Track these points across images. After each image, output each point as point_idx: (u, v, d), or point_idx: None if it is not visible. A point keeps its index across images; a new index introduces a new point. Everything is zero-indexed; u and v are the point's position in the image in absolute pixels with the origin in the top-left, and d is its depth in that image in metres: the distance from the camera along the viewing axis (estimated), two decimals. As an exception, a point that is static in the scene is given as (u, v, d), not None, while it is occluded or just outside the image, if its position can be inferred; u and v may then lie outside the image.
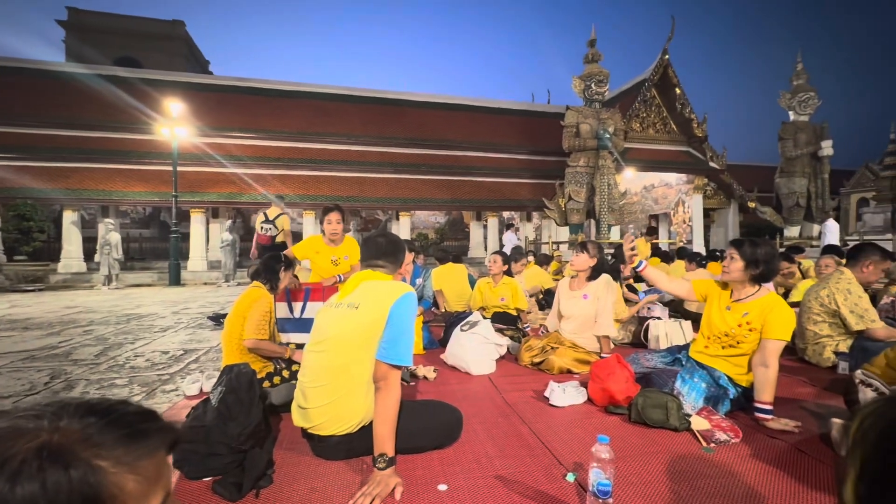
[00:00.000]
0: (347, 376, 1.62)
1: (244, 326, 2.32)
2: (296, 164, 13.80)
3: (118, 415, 0.44)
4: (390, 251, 1.79)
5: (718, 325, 2.29)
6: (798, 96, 12.61)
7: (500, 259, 4.06)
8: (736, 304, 2.25)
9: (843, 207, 20.55)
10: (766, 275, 2.20)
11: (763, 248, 2.19)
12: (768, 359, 2.08)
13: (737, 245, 2.26)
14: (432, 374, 2.82)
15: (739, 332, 2.19)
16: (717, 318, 2.30)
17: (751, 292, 2.23)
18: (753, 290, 2.23)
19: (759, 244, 2.21)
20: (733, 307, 2.25)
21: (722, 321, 2.27)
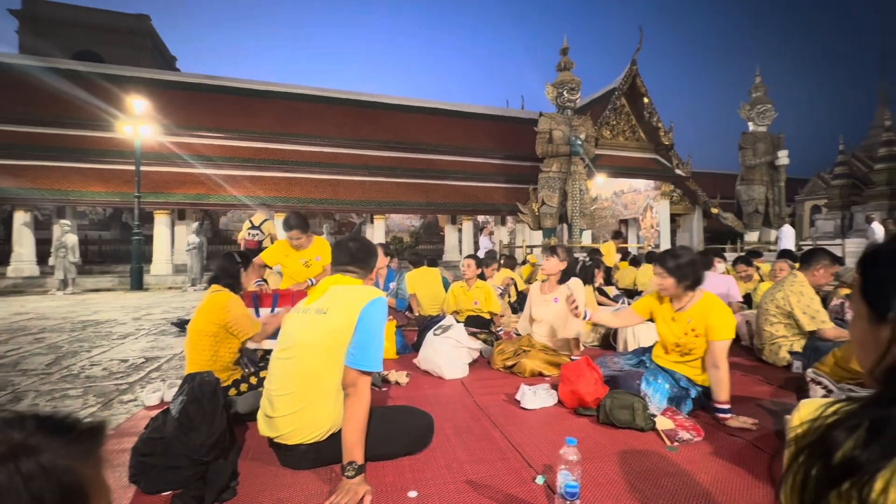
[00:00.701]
0: (316, 383, 1.59)
1: (231, 333, 2.24)
2: (267, 166, 13.50)
3: (52, 420, 0.46)
4: (361, 256, 1.77)
5: (668, 338, 2.38)
6: (756, 108, 13.27)
7: (474, 263, 4.08)
8: (678, 313, 2.34)
9: (797, 214, 21.68)
10: (696, 280, 2.28)
11: (684, 258, 2.27)
12: (717, 359, 2.17)
13: (660, 262, 2.33)
14: (405, 378, 2.80)
15: (688, 340, 2.29)
16: (666, 331, 2.39)
17: (688, 299, 2.32)
18: (689, 296, 2.31)
19: (679, 255, 2.28)
20: (677, 317, 2.34)
21: (671, 333, 2.37)
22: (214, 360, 2.23)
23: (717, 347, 2.19)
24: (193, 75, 15.88)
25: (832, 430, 0.58)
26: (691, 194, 15.27)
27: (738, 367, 3.27)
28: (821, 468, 0.57)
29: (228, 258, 2.45)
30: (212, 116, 14.04)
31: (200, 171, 12.72)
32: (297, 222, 3.36)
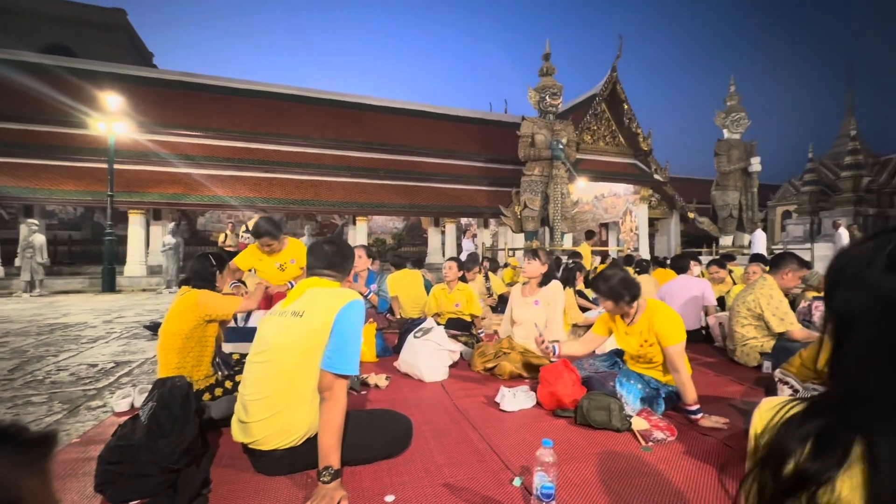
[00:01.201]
0: (291, 387, 1.57)
1: (213, 318, 2.21)
2: (247, 165, 13.26)
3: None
4: (336, 261, 1.75)
5: (629, 350, 2.47)
6: (731, 116, 13.69)
7: (456, 265, 4.08)
8: (630, 327, 2.41)
9: (769, 219, 22.41)
10: (634, 294, 2.33)
11: (615, 279, 2.33)
12: (675, 364, 2.23)
13: (596, 289, 2.43)
14: (384, 381, 2.78)
15: (645, 351, 2.36)
16: (625, 344, 2.48)
17: (634, 312, 2.37)
18: (633, 309, 2.37)
19: (608, 277, 2.35)
20: (630, 331, 2.41)
21: (629, 346, 2.44)
22: (187, 364, 2.18)
23: (670, 353, 2.24)
24: (171, 72, 15.49)
25: (784, 439, 0.60)
26: (669, 199, 15.63)
27: (711, 367, 3.35)
28: (775, 479, 0.59)
29: (203, 260, 2.38)
30: (190, 114, 13.73)
31: (178, 169, 12.42)
32: (266, 229, 3.25)
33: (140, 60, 28.92)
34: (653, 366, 2.42)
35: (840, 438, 0.55)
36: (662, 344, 2.26)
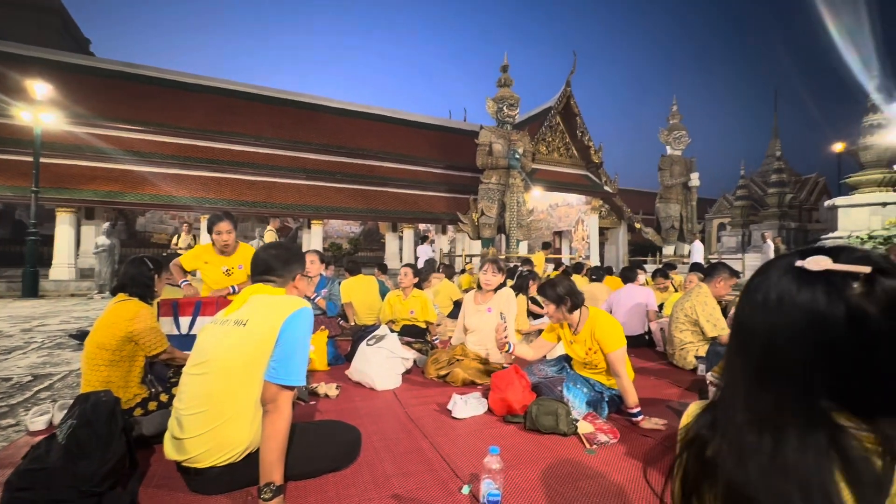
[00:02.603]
0: (232, 400, 1.49)
1: (139, 347, 2.03)
2: (194, 164, 12.57)
3: None
4: (277, 265, 1.68)
5: (575, 357, 2.59)
6: (673, 134, 14.62)
7: (411, 272, 4.06)
8: (575, 335, 2.52)
9: (707, 230, 24.09)
10: (576, 301, 2.46)
11: (560, 286, 2.46)
12: (616, 369, 2.34)
13: (542, 293, 2.55)
14: (334, 391, 2.70)
15: (590, 357, 2.48)
16: (571, 352, 2.60)
17: (578, 320, 2.49)
18: (577, 317, 2.49)
19: (555, 284, 2.48)
20: (575, 339, 2.53)
21: (575, 354, 2.57)
22: (116, 379, 2.01)
23: (611, 359, 2.36)
24: (111, 61, 14.45)
25: (703, 429, 0.66)
26: (618, 210, 16.42)
27: (651, 371, 3.54)
28: (696, 464, 0.64)
29: (138, 264, 2.21)
30: (132, 107, 12.85)
31: (116, 165, 11.56)
32: (227, 215, 3.17)
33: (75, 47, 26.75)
34: (598, 371, 2.52)
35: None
36: (604, 350, 2.37)
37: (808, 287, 0.55)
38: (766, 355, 0.57)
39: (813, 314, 0.54)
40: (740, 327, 0.63)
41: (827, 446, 0.51)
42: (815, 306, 0.54)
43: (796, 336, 0.54)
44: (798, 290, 0.56)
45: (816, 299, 0.54)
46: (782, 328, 0.56)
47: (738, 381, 0.61)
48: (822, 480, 0.49)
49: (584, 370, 2.59)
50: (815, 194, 22.79)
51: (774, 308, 0.57)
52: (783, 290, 0.57)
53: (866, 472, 0.49)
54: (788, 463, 0.52)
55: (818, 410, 0.53)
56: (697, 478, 0.63)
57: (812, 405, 0.54)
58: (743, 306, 0.63)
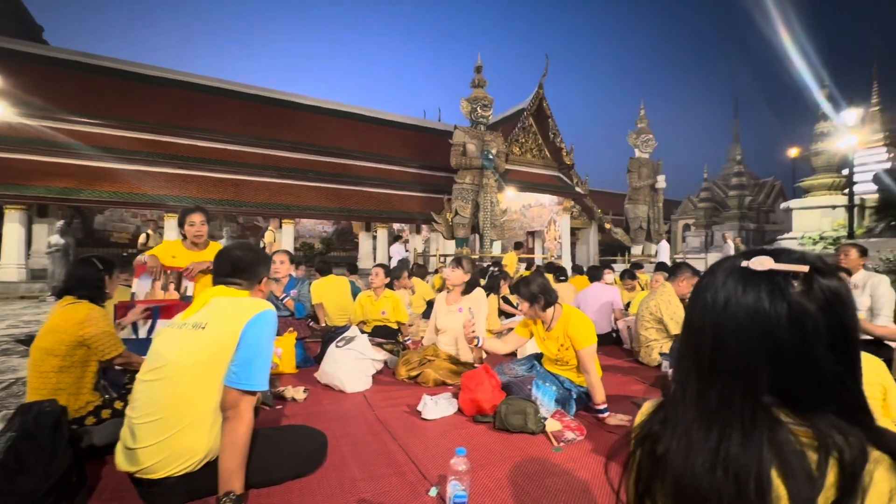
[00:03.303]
0: (189, 407, 1.42)
1: (92, 351, 1.92)
2: (157, 160, 12.04)
3: None
4: (243, 266, 1.62)
5: (547, 353, 2.63)
6: (641, 137, 15.08)
7: (382, 272, 4.02)
8: (548, 332, 2.57)
9: (672, 231, 24.97)
10: (549, 299, 2.51)
11: (533, 284, 2.51)
12: (586, 365, 2.40)
13: (516, 291, 2.60)
14: (302, 394, 2.64)
15: (562, 354, 2.52)
16: (544, 348, 2.63)
17: (551, 318, 2.54)
18: (550, 314, 2.54)
19: (529, 282, 2.53)
20: (548, 335, 2.57)
21: (547, 350, 2.61)
22: (67, 385, 1.89)
23: (582, 356, 2.41)
24: (66, 51, 13.67)
25: (655, 426, 0.67)
26: (588, 210, 16.77)
27: (618, 368, 3.62)
28: (649, 462, 0.65)
29: (86, 264, 2.08)
30: (88, 99, 12.20)
31: (71, 161, 10.94)
32: (200, 208, 3.03)
33: (26, 34, 25.18)
34: (568, 367, 2.56)
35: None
36: (575, 347, 2.41)
37: (753, 287, 0.57)
38: (713, 353, 0.59)
39: (757, 313, 0.56)
40: (689, 327, 0.64)
41: (766, 441, 0.53)
42: (760, 305, 0.56)
43: (741, 334, 0.56)
44: (743, 291, 0.58)
45: (760, 298, 0.56)
46: (728, 327, 0.57)
47: (688, 378, 0.62)
48: (759, 474, 0.51)
49: (555, 366, 2.63)
50: (772, 197, 23.99)
51: (721, 308, 0.58)
52: (729, 291, 0.59)
53: (799, 467, 0.51)
54: (730, 457, 0.53)
55: (761, 407, 0.55)
56: (650, 476, 0.64)
57: (755, 402, 0.55)
58: (692, 306, 0.65)
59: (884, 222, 7.20)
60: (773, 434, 0.53)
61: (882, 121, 15.55)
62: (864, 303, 3.25)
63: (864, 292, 3.26)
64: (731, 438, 0.54)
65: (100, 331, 1.92)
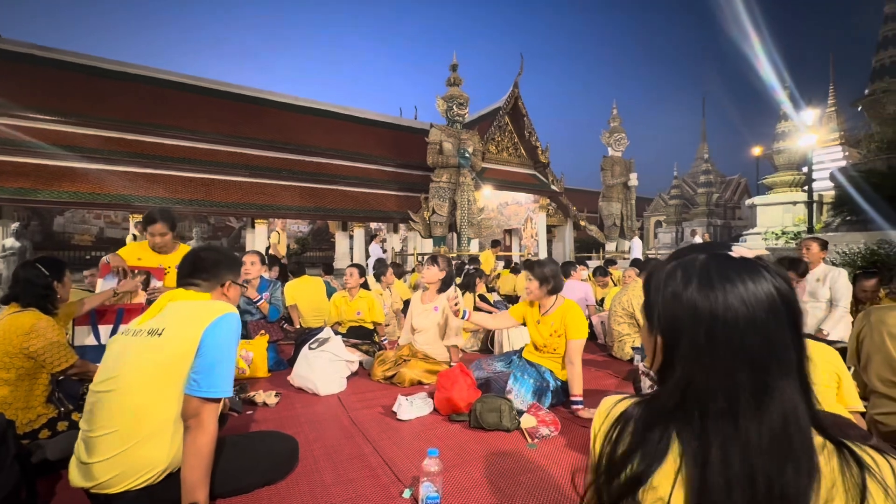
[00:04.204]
0: (147, 418, 1.35)
1: (41, 364, 1.81)
2: (121, 158, 11.55)
3: None
4: (205, 266, 1.56)
5: (537, 339, 2.66)
6: (614, 136, 15.40)
7: (357, 272, 3.96)
8: (544, 316, 2.62)
9: (645, 227, 25.61)
10: (556, 287, 2.58)
11: (548, 267, 2.59)
12: (573, 356, 2.46)
13: (528, 268, 2.64)
14: (273, 399, 2.58)
15: (552, 341, 2.57)
16: (535, 333, 2.67)
17: (551, 304, 2.61)
18: (552, 301, 2.61)
19: (544, 264, 2.60)
20: (542, 320, 2.62)
21: (538, 335, 2.64)
22: (15, 399, 1.78)
23: (572, 346, 2.48)
24: (19, 43, 12.95)
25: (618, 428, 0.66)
26: (564, 208, 17.02)
27: (592, 363, 3.68)
28: (609, 485, 0.63)
29: (30, 268, 1.91)
30: (44, 95, 11.59)
31: (27, 160, 10.38)
32: (163, 215, 2.87)
33: (-24, 25, 23.73)
34: (554, 355, 2.60)
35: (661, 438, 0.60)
36: (569, 336, 2.48)
37: (749, 274, 0.58)
38: (718, 346, 0.57)
39: (759, 296, 0.56)
40: (674, 326, 0.62)
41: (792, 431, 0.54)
42: (761, 289, 0.57)
43: (750, 320, 0.55)
44: (740, 279, 0.57)
45: (760, 281, 0.57)
46: (738, 314, 0.56)
47: (685, 377, 0.59)
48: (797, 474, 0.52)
49: (538, 355, 2.66)
50: (738, 194, 24.91)
51: (719, 298, 0.57)
52: (717, 282, 0.58)
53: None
54: (757, 457, 0.53)
55: (770, 391, 0.55)
56: (616, 490, 0.62)
57: (766, 387, 0.55)
58: (673, 306, 0.62)
59: (840, 217, 7.56)
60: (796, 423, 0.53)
61: (838, 121, 16.34)
62: (824, 294, 3.39)
63: (824, 285, 3.40)
64: (750, 433, 0.53)
65: (47, 342, 1.80)
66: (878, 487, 0.50)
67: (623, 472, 0.61)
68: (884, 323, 1.76)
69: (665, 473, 0.58)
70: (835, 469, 0.52)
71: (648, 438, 0.61)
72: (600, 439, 0.68)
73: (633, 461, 0.61)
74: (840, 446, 0.54)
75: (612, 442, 0.65)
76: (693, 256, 0.63)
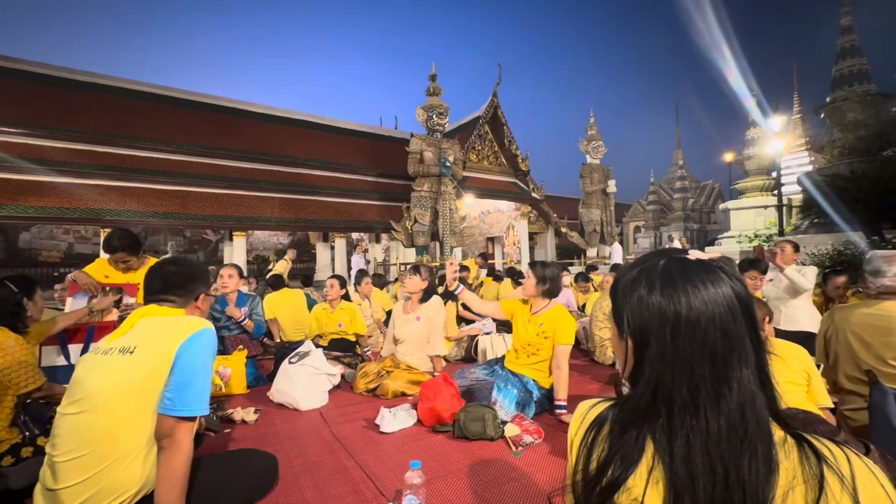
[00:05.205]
0: (118, 441, 1.31)
1: (6, 385, 1.73)
2: (91, 171, 11.22)
3: None
4: (179, 281, 1.52)
5: (523, 337, 2.67)
6: (592, 143, 15.74)
7: (338, 283, 3.93)
8: (534, 316, 2.66)
9: (624, 233, 26.13)
10: (553, 290, 2.64)
11: (550, 269, 2.67)
12: (560, 361, 2.50)
13: (531, 266, 2.71)
14: (252, 416, 2.52)
15: (537, 341, 2.58)
16: (522, 330, 2.69)
17: (543, 305, 2.65)
18: (545, 303, 2.66)
19: (547, 265, 2.68)
20: (532, 319, 2.65)
21: (525, 332, 2.66)
22: None
23: (560, 351, 2.51)
24: (-17, 54, 12.56)
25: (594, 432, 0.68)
26: (545, 215, 17.25)
27: (575, 368, 3.72)
28: (584, 479, 0.65)
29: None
30: (10, 107, 11.22)
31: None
32: (123, 242, 2.72)
33: (-65, 35, 22.90)
34: (536, 359, 2.61)
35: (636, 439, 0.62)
36: (557, 341, 2.52)
37: (707, 275, 0.61)
38: (682, 344, 0.59)
39: (720, 296, 0.59)
40: (643, 328, 0.63)
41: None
42: (721, 289, 0.60)
43: (713, 319, 0.58)
44: (701, 281, 0.61)
45: (718, 283, 0.60)
46: (702, 314, 0.59)
47: (654, 377, 0.61)
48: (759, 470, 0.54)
49: (518, 361, 2.68)
50: (712, 198, 25.67)
51: (683, 299, 0.60)
52: (679, 283, 0.61)
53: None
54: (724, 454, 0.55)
55: (735, 387, 0.57)
56: (596, 495, 0.63)
57: (730, 382, 0.57)
58: (639, 308, 0.64)
59: (808, 220, 7.88)
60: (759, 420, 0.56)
61: (803, 127, 17.09)
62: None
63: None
64: (715, 429, 0.55)
65: (15, 361, 1.74)
66: (835, 477, 0.53)
67: (602, 477, 0.62)
68: (847, 321, 1.84)
69: (640, 474, 0.60)
70: (795, 461, 0.54)
71: (624, 441, 0.63)
72: (577, 445, 0.69)
73: (611, 466, 0.62)
74: (800, 440, 0.57)
75: (588, 446, 0.67)
76: (654, 262, 0.65)
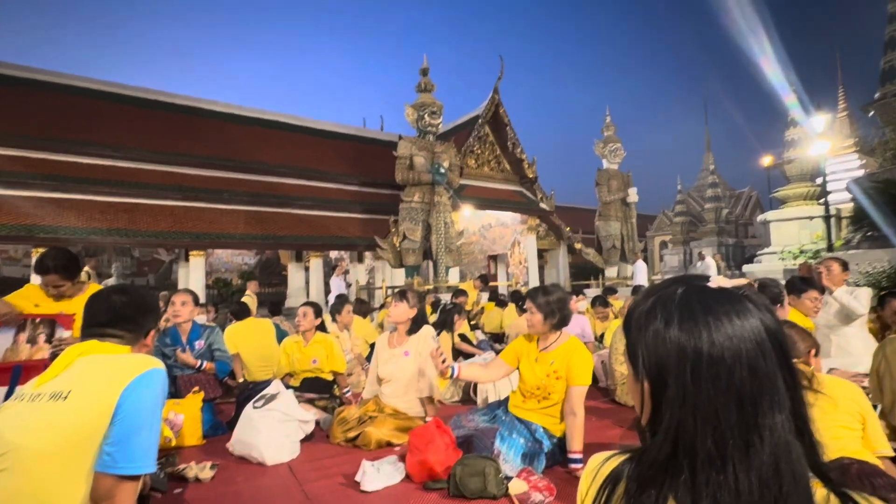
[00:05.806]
0: (46, 503, 1.29)
1: None
2: (22, 181, 11.24)
3: None
4: (128, 314, 1.52)
5: (530, 380, 2.66)
6: (608, 146, 15.97)
7: (312, 311, 3.92)
8: (542, 353, 2.65)
9: (649, 249, 26.36)
10: (563, 320, 2.64)
11: (554, 295, 2.64)
12: (575, 405, 2.48)
13: (532, 298, 2.68)
14: (208, 472, 2.49)
15: (548, 383, 2.57)
16: (529, 373, 2.67)
17: (554, 339, 2.65)
18: (556, 336, 2.66)
19: (550, 292, 2.66)
20: (541, 357, 2.64)
21: (532, 375, 2.65)
22: None
23: (575, 393, 2.50)
24: None
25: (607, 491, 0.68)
26: (556, 229, 17.37)
27: (593, 410, 3.70)
28: None
29: None
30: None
31: None
32: (57, 263, 2.73)
33: None
34: (546, 404, 2.59)
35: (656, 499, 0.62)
36: (571, 382, 2.49)
37: (735, 306, 0.62)
38: (708, 386, 0.60)
39: (747, 330, 0.60)
40: (662, 366, 0.65)
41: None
42: (749, 322, 0.61)
43: (741, 356, 0.59)
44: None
45: (747, 314, 0.62)
46: (729, 350, 0.60)
47: (677, 423, 0.62)
48: None
49: (526, 405, 2.64)
50: (749, 208, 26.01)
51: (708, 335, 0.61)
52: (701, 317, 0.62)
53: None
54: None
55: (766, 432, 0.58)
56: None
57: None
58: (661, 348, 0.66)
59: (860, 233, 7.98)
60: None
61: (851, 126, 17.48)
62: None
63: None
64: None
65: None
66: None
67: None
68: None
69: None
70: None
71: (642, 502, 0.63)
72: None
73: None
74: (846, 500, 0.58)
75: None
76: (671, 290, 0.67)
